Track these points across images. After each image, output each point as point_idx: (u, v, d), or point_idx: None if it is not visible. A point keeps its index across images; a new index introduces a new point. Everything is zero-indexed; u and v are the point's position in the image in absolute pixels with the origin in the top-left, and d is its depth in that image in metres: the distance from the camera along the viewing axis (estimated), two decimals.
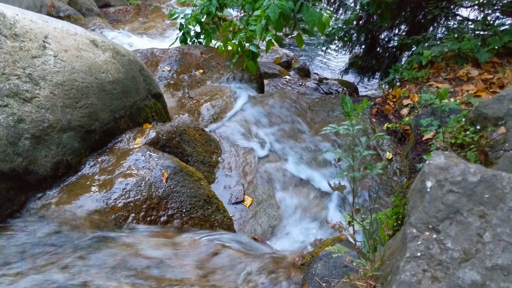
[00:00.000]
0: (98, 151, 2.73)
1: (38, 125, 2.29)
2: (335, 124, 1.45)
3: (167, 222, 2.43)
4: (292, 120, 4.13)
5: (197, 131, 3.42)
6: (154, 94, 3.44)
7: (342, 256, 1.54)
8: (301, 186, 3.38)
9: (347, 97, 1.36)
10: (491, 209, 1.02)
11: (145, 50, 5.33)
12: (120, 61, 3.06)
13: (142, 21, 9.09)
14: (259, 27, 4.18)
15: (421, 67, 4.25)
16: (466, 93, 3.71)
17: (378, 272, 1.23)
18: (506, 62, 3.96)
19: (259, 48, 4.75)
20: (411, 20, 5.69)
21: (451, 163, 1.09)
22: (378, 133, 1.41)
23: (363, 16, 5.92)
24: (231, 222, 2.82)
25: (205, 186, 2.75)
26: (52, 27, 2.69)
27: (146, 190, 2.44)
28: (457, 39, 4.20)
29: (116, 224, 2.27)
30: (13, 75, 2.25)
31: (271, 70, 6.63)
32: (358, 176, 1.37)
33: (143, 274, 1.94)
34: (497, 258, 0.97)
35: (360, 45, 6.50)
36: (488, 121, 2.22)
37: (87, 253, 2.00)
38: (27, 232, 2.09)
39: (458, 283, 0.97)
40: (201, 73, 4.94)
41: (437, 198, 1.06)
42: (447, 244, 1.01)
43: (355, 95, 6.38)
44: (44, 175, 2.33)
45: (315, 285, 1.82)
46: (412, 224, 1.07)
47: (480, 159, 2.15)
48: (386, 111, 4.13)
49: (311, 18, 3.96)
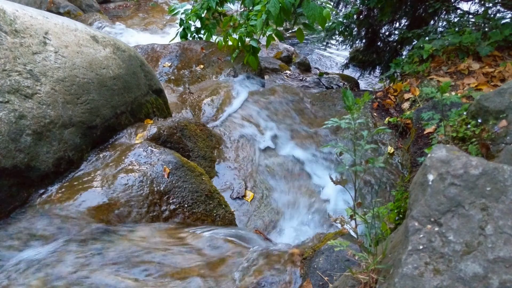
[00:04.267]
0: (99, 147, 2.74)
1: (40, 121, 2.29)
2: (336, 118, 1.45)
3: (169, 217, 2.44)
4: (293, 114, 4.12)
5: (198, 126, 3.42)
6: (155, 89, 3.44)
7: (344, 250, 1.55)
8: (303, 180, 3.38)
9: (348, 91, 1.36)
10: (493, 201, 1.02)
11: (146, 45, 5.33)
12: (121, 57, 3.05)
13: (142, 17, 9.06)
14: (260, 22, 4.17)
15: (422, 61, 4.24)
16: (467, 86, 3.71)
17: (380, 266, 1.23)
18: (507, 55, 3.95)
19: (260, 43, 4.74)
20: (411, 14, 5.67)
21: (452, 156, 1.09)
22: (379, 127, 1.41)
23: (364, 10, 5.90)
24: (233, 217, 2.82)
25: (207, 181, 2.76)
26: (53, 23, 2.68)
27: (148, 185, 2.44)
28: (458, 32, 4.19)
29: (118, 220, 2.27)
30: (14, 71, 2.25)
31: (272, 65, 6.61)
32: (360, 170, 1.37)
33: (145, 269, 1.94)
34: (499, 250, 0.97)
35: (361, 40, 6.48)
36: (490, 114, 2.22)
37: (90, 249, 2.01)
38: (29, 228, 2.09)
39: (460, 276, 0.97)
40: (201, 68, 4.93)
41: (439, 191, 1.06)
42: (449, 237, 1.02)
43: (356, 89, 6.37)
44: (46, 171, 2.33)
45: (317, 279, 1.83)
46: (414, 217, 1.07)
47: (481, 152, 2.15)
48: (387, 105, 4.13)
49: (311, 12, 3.96)
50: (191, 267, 2.01)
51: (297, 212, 3.12)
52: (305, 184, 3.35)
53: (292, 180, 3.38)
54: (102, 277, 1.84)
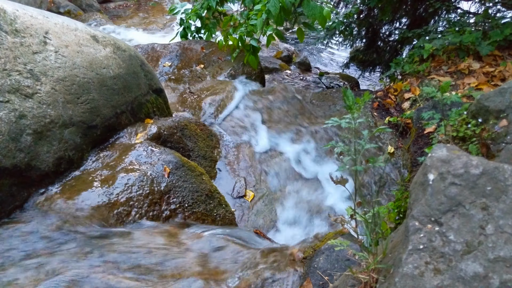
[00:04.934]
0: (100, 146, 2.74)
1: (40, 120, 2.29)
2: (336, 118, 1.45)
3: (169, 217, 2.44)
4: (293, 114, 4.12)
5: (199, 126, 3.42)
6: (155, 89, 3.44)
7: (344, 249, 1.55)
8: (303, 179, 3.38)
9: (348, 90, 1.35)
10: (493, 201, 1.02)
11: (146, 45, 5.32)
12: (121, 56, 3.05)
13: (142, 16, 9.06)
14: (260, 21, 4.17)
15: (422, 61, 4.24)
16: (467, 86, 3.71)
17: (381, 265, 1.23)
18: (508, 55, 3.95)
19: (260, 43, 4.74)
20: (412, 14, 5.67)
21: (453, 155, 1.09)
22: (380, 127, 1.41)
23: (364, 9, 5.90)
24: (233, 216, 2.82)
25: (207, 181, 2.76)
26: (53, 23, 2.68)
27: (148, 185, 2.44)
28: (459, 32, 4.18)
29: (118, 219, 2.27)
30: (14, 71, 2.25)
31: (272, 64, 6.62)
32: (360, 170, 1.37)
33: (145, 269, 1.94)
34: (499, 250, 0.97)
35: (361, 39, 6.48)
36: (490, 114, 2.22)
37: (89, 248, 2.01)
38: (29, 228, 2.09)
39: (461, 275, 0.97)
40: (201, 68, 4.93)
41: (439, 190, 1.06)
42: (450, 236, 1.02)
43: (356, 89, 6.37)
44: (46, 170, 2.33)
45: (317, 278, 1.83)
46: (414, 217, 1.07)
47: (482, 152, 2.15)
48: (388, 105, 4.12)
49: (312, 12, 3.95)
50: (191, 267, 2.00)
51: (297, 212, 3.12)
52: (306, 184, 3.35)
53: (293, 179, 3.38)
54: (102, 277, 1.84)
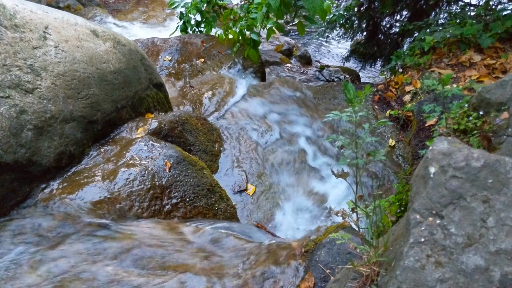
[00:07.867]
0: (100, 141, 2.74)
1: (41, 116, 2.29)
2: (337, 111, 1.44)
3: (170, 211, 2.44)
4: (294, 108, 4.12)
5: (199, 120, 3.41)
6: (156, 83, 3.44)
7: (345, 242, 1.55)
8: (304, 173, 3.38)
9: (349, 84, 1.35)
10: (494, 194, 1.02)
11: (146, 39, 5.31)
12: (121, 51, 3.05)
13: (142, 11, 9.03)
14: (260, 15, 4.16)
15: (423, 53, 4.23)
16: (468, 78, 3.70)
17: (382, 258, 1.23)
18: (509, 47, 3.94)
19: (260, 36, 4.73)
20: (412, 6, 5.65)
21: (454, 148, 1.09)
22: (381, 120, 1.41)
23: (365, 2, 5.88)
24: (234, 210, 2.83)
25: (208, 175, 2.76)
26: (52, 18, 2.67)
27: (149, 179, 2.45)
28: (459, 24, 4.17)
29: (120, 214, 2.28)
30: (14, 66, 2.24)
31: (273, 58, 6.60)
32: (362, 163, 1.37)
33: (147, 263, 1.95)
34: (500, 242, 0.97)
35: (362, 32, 6.46)
36: (491, 106, 2.21)
37: (91, 243, 2.02)
38: (31, 223, 2.10)
39: (462, 268, 0.97)
40: (202, 62, 4.92)
41: (440, 183, 1.06)
42: (451, 229, 1.02)
43: (357, 82, 6.35)
44: (48, 166, 2.33)
45: (318, 271, 1.83)
46: (416, 210, 1.07)
47: (483, 145, 2.15)
48: (389, 98, 4.12)
49: (312, 5, 3.93)
50: (193, 261, 2.01)
51: (299, 205, 3.12)
52: (307, 177, 3.35)
53: (294, 173, 3.38)
54: (104, 271, 1.85)
